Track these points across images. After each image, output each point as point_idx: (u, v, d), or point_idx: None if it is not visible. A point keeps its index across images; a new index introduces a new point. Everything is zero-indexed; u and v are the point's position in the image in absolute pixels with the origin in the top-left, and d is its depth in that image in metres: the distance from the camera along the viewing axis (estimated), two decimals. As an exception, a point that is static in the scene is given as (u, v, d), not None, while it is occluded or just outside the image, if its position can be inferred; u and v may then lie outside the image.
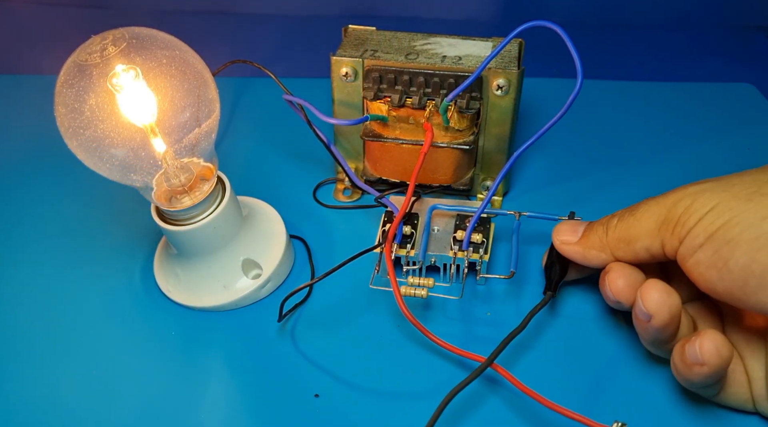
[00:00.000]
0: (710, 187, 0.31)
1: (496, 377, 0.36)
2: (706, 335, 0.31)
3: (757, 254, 0.28)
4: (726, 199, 0.30)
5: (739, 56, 0.66)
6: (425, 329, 0.36)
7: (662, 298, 0.32)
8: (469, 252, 0.40)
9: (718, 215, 0.30)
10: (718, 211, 0.30)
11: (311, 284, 0.39)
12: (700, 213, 0.30)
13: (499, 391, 0.36)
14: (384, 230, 0.41)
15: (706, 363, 0.31)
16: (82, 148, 0.35)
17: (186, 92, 0.36)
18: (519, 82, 0.42)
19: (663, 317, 0.32)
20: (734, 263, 0.29)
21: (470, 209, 0.41)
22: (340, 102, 0.45)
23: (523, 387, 0.33)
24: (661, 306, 0.32)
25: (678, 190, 0.33)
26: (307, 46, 0.69)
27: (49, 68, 0.40)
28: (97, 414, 0.36)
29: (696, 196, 0.31)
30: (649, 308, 0.32)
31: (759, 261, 0.28)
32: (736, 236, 0.29)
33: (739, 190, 0.30)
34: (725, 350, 0.31)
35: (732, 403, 0.34)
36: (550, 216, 0.41)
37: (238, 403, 0.36)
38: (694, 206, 0.31)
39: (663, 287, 0.32)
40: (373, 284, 0.40)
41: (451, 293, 0.40)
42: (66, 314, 0.41)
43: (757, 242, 0.28)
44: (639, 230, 0.33)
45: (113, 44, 0.34)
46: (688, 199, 0.31)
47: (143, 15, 0.75)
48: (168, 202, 0.38)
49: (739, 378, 0.34)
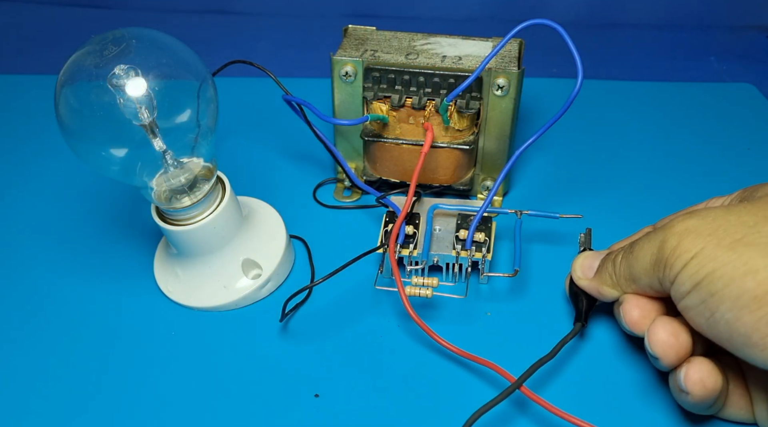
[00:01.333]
0: (695, 227, 0.30)
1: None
2: (692, 365, 0.31)
3: (740, 312, 0.28)
4: (710, 246, 0.29)
5: (739, 56, 0.66)
6: (430, 329, 0.36)
7: (669, 341, 0.32)
8: (472, 251, 0.40)
9: (701, 264, 0.29)
10: (701, 260, 0.29)
11: (313, 286, 0.39)
12: (685, 258, 0.30)
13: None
14: (386, 231, 0.41)
15: (690, 393, 0.31)
16: (82, 149, 0.35)
17: (186, 92, 0.36)
18: (519, 82, 0.42)
19: (670, 360, 0.32)
20: (720, 316, 0.29)
21: (472, 209, 0.41)
22: (340, 102, 0.45)
23: (555, 410, 0.32)
24: (668, 350, 0.32)
25: (667, 225, 0.32)
26: (307, 46, 0.69)
27: (49, 68, 0.40)
28: (98, 414, 0.36)
29: (681, 237, 0.30)
30: (655, 350, 0.32)
31: (743, 321, 0.28)
32: (719, 290, 0.29)
33: (724, 237, 0.29)
34: (710, 382, 0.31)
35: (735, 419, 0.34)
36: (550, 214, 0.41)
37: (238, 403, 0.36)
38: (679, 249, 0.30)
39: (670, 328, 0.32)
40: (378, 284, 0.40)
41: (456, 293, 0.40)
42: (66, 314, 0.41)
43: (740, 300, 0.28)
44: (639, 270, 0.33)
45: (113, 44, 0.34)
46: (674, 239, 0.31)
47: (143, 15, 0.75)
48: (168, 202, 0.38)
49: (739, 399, 0.33)
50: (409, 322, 0.37)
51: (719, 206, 0.33)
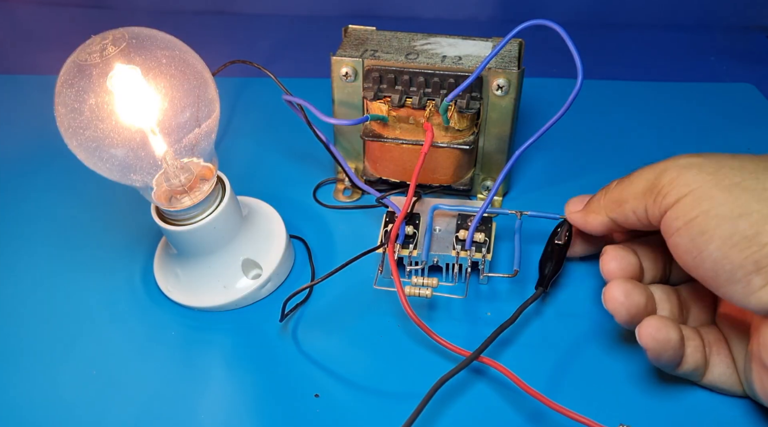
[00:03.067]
0: (698, 164, 0.31)
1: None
2: (644, 321, 0.33)
3: (730, 251, 0.29)
4: (708, 185, 0.30)
5: (739, 56, 0.66)
6: (429, 329, 0.36)
7: (620, 299, 0.34)
8: (472, 251, 0.40)
9: (697, 202, 0.30)
10: (697, 196, 0.30)
11: (313, 285, 0.39)
12: (681, 192, 0.31)
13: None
14: (386, 231, 0.41)
15: (644, 347, 0.33)
16: (82, 148, 0.35)
17: (186, 92, 0.36)
18: (519, 82, 0.42)
19: (622, 317, 0.34)
20: (708, 254, 0.30)
21: (472, 209, 0.41)
22: (340, 102, 0.45)
23: (514, 378, 0.33)
24: (618, 307, 0.34)
25: (672, 158, 0.33)
26: (307, 46, 0.69)
27: (49, 68, 0.40)
28: (98, 414, 0.36)
29: (682, 170, 0.31)
30: (607, 307, 0.34)
31: (730, 258, 0.29)
32: (711, 229, 0.30)
33: (723, 177, 0.30)
34: (661, 335, 0.32)
35: (720, 386, 0.35)
36: (551, 215, 0.41)
37: (238, 403, 0.36)
38: (677, 181, 0.31)
39: (624, 287, 0.34)
40: (377, 284, 0.40)
41: (456, 293, 0.40)
42: (66, 314, 0.41)
43: (731, 239, 0.29)
44: (629, 192, 0.34)
45: (113, 44, 0.34)
46: (675, 171, 0.32)
47: (143, 15, 0.75)
48: (168, 202, 0.38)
49: (723, 361, 0.34)
50: (410, 322, 0.37)
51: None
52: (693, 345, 0.34)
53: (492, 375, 0.36)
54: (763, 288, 0.29)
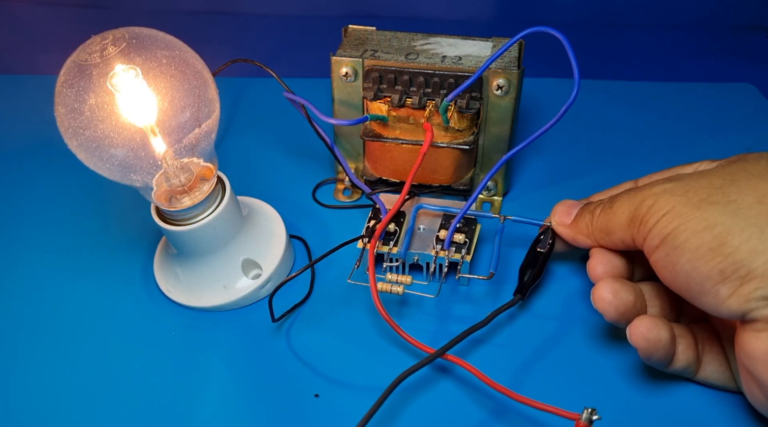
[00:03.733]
0: (671, 189, 0.33)
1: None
2: (635, 321, 0.34)
3: (697, 262, 0.30)
4: (679, 204, 0.32)
5: (739, 56, 0.66)
6: (397, 326, 0.36)
7: (608, 298, 0.34)
8: (450, 251, 0.40)
9: (670, 220, 0.32)
10: (670, 216, 0.32)
11: (289, 280, 0.38)
12: (658, 215, 0.32)
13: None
14: (368, 226, 0.41)
15: (635, 346, 0.33)
16: (82, 148, 0.35)
17: (186, 92, 0.36)
18: (519, 82, 0.42)
19: (610, 316, 0.35)
20: (680, 268, 0.31)
21: (456, 210, 0.42)
22: (340, 102, 0.45)
23: (478, 373, 0.33)
24: (606, 306, 0.34)
25: (647, 186, 0.34)
26: (307, 46, 0.69)
27: (49, 68, 0.40)
28: (98, 414, 0.36)
29: (657, 197, 0.33)
30: (596, 306, 0.35)
31: (699, 270, 0.30)
32: (682, 243, 0.31)
33: (692, 196, 0.32)
34: (652, 335, 0.33)
35: (713, 383, 0.35)
36: (534, 221, 0.41)
37: (238, 403, 0.36)
38: (654, 207, 0.33)
39: (612, 286, 0.35)
40: (351, 278, 0.40)
41: (429, 292, 0.40)
42: (66, 315, 0.41)
43: (698, 251, 0.30)
44: (615, 223, 0.35)
45: (113, 44, 0.34)
46: (651, 199, 0.33)
47: (143, 15, 0.75)
48: (168, 202, 0.38)
49: (716, 359, 0.35)
50: (380, 318, 0.37)
51: (694, 171, 0.35)
52: (685, 343, 0.34)
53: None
54: (730, 297, 0.30)
